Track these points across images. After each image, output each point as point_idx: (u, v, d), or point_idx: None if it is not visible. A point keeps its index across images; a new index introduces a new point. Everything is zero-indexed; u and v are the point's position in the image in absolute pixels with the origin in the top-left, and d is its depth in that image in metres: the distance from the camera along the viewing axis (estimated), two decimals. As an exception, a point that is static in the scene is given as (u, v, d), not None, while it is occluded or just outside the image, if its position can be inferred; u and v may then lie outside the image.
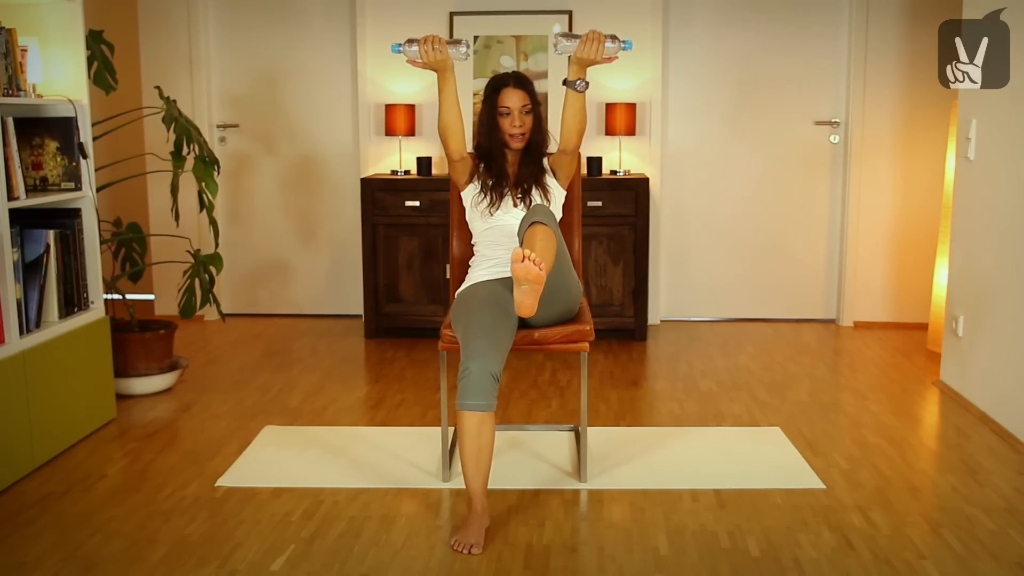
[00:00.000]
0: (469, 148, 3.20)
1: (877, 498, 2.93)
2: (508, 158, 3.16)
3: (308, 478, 3.09)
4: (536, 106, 3.12)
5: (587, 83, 2.94)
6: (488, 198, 3.09)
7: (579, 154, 3.25)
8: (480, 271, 3.06)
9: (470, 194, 3.15)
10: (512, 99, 3.08)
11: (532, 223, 2.71)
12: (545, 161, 3.17)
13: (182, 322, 5.12)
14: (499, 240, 3.06)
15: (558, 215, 3.16)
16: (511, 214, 3.08)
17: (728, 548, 2.59)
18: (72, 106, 3.43)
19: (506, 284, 2.97)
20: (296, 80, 5.40)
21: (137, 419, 3.72)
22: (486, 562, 2.52)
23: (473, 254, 3.17)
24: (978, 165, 3.84)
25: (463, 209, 3.22)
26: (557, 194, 3.16)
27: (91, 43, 3.94)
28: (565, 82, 2.95)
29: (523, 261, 2.53)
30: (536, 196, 3.09)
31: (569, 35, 2.90)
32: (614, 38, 2.86)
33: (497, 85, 3.11)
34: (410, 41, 2.91)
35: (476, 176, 3.15)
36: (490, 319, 2.78)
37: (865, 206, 5.28)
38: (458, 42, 2.92)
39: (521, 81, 3.12)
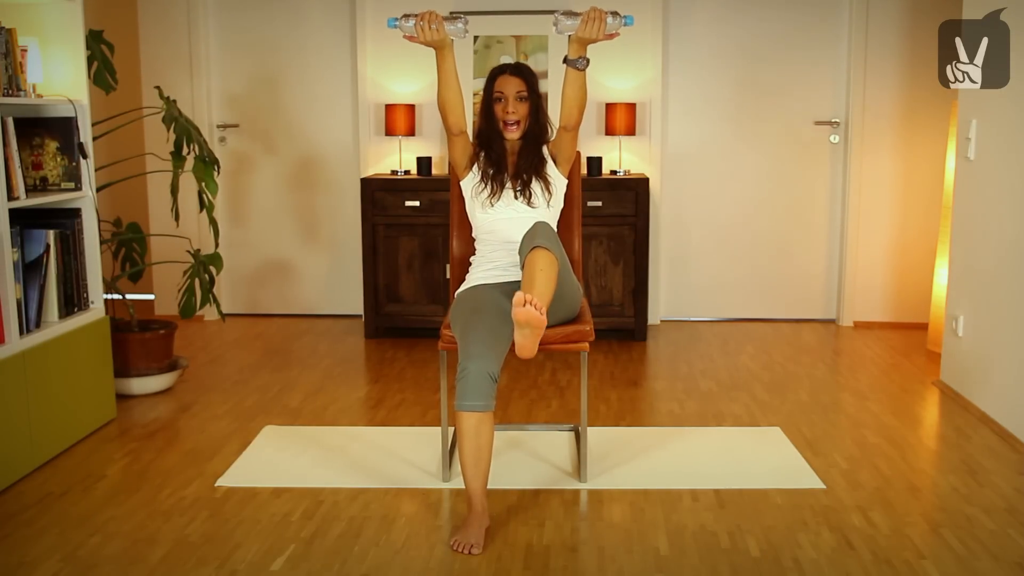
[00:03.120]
0: (470, 128, 3.15)
1: (877, 498, 2.93)
2: (508, 147, 3.11)
3: (308, 478, 3.09)
4: (535, 96, 3.07)
5: (588, 60, 2.88)
6: (488, 188, 3.05)
7: (578, 153, 3.24)
8: (480, 272, 3.05)
9: (470, 184, 3.10)
10: (506, 85, 3.05)
11: (533, 247, 2.67)
12: (545, 149, 3.12)
13: (182, 322, 5.12)
14: (499, 244, 3.04)
15: (559, 204, 3.11)
16: (512, 207, 3.03)
17: (728, 548, 2.59)
18: (72, 106, 3.43)
19: (504, 289, 2.96)
20: (296, 80, 5.40)
21: (137, 419, 3.72)
22: (486, 562, 2.52)
23: (474, 250, 3.16)
24: (978, 165, 3.84)
25: (463, 209, 3.19)
26: (558, 183, 3.10)
27: (91, 43, 3.94)
28: (566, 60, 2.89)
29: (524, 306, 2.51)
30: (536, 188, 3.05)
31: (569, 13, 2.84)
32: (616, 14, 2.82)
33: (495, 73, 3.09)
34: (406, 16, 2.84)
35: (476, 164, 3.11)
36: (488, 320, 2.78)
37: (865, 206, 5.28)
38: (456, 17, 2.85)
39: (518, 69, 3.08)
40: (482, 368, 2.64)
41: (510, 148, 3.11)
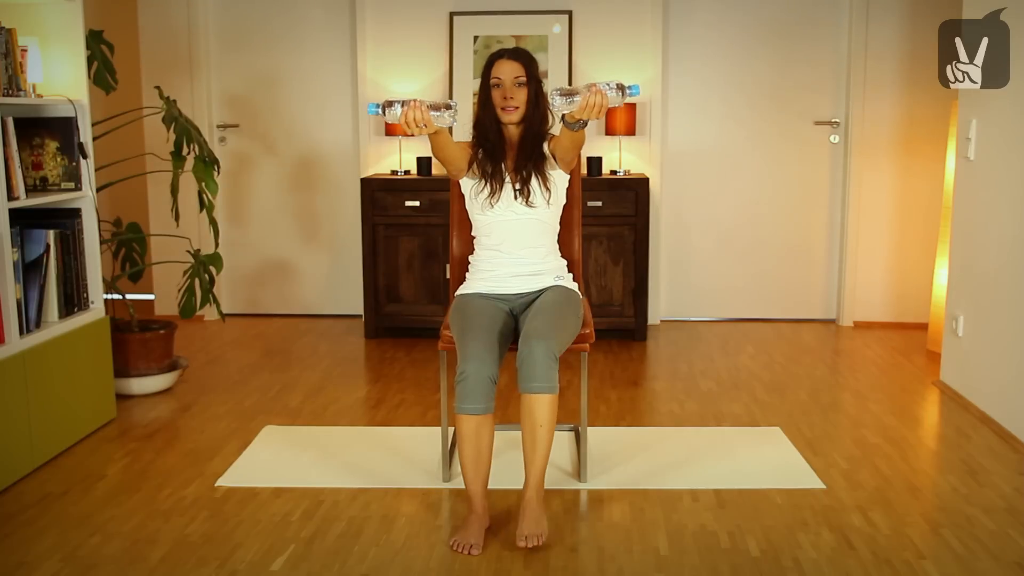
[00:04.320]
0: (469, 124, 3.05)
1: (877, 498, 2.93)
2: (506, 139, 2.98)
3: (308, 478, 3.09)
4: (534, 82, 2.93)
5: (586, 121, 2.71)
6: (488, 187, 2.93)
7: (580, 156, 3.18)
8: (478, 282, 2.98)
9: (469, 184, 3.00)
10: (504, 70, 2.90)
11: (530, 389, 2.63)
12: (545, 146, 2.98)
13: (182, 322, 5.12)
14: (496, 248, 2.97)
15: (560, 202, 3.00)
16: (511, 208, 2.94)
17: (728, 548, 2.59)
18: (72, 106, 3.43)
19: (502, 300, 2.94)
20: (296, 80, 5.40)
21: (137, 419, 3.72)
22: (486, 562, 2.52)
23: (473, 248, 3.09)
24: (978, 165, 3.84)
25: (463, 208, 3.13)
26: (559, 180, 2.98)
27: (91, 43, 3.94)
28: (563, 120, 2.72)
29: (526, 545, 2.56)
30: (535, 185, 2.92)
31: (566, 93, 2.57)
32: (620, 87, 2.54)
33: (492, 59, 2.95)
34: (389, 103, 2.58)
35: (475, 163, 2.98)
36: (486, 323, 2.77)
37: (865, 206, 5.28)
38: (446, 106, 2.61)
39: (516, 54, 2.93)
40: (481, 371, 2.63)
41: (509, 141, 2.99)
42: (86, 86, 3.53)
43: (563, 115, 2.68)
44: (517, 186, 2.93)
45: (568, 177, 3.03)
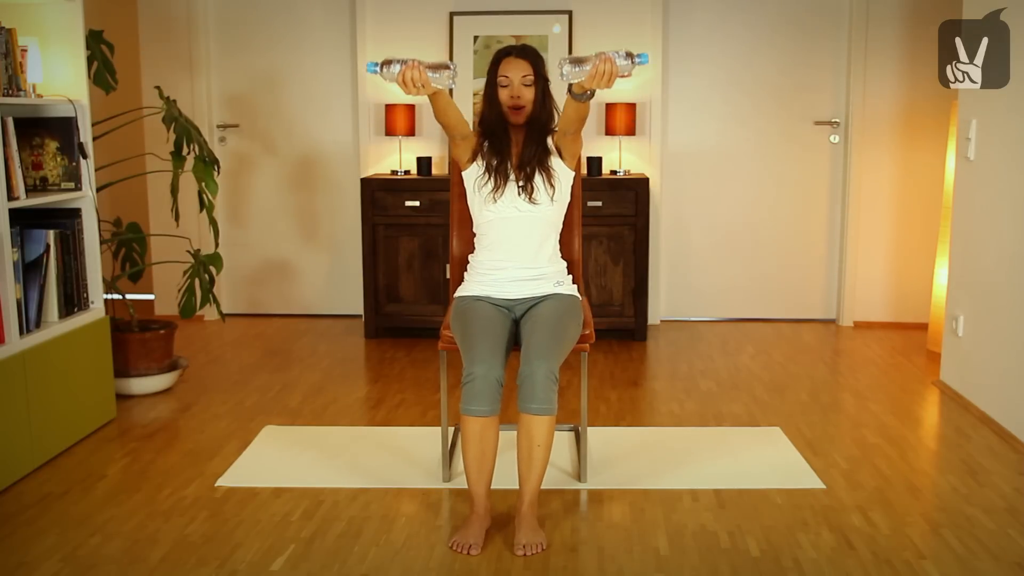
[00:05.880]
0: (470, 117, 3.03)
1: (877, 498, 2.93)
2: (512, 136, 2.95)
3: (308, 478, 3.09)
4: (542, 80, 2.90)
5: (593, 93, 2.69)
6: (492, 181, 2.89)
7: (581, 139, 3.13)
8: (477, 285, 2.96)
9: (472, 176, 2.95)
10: (512, 68, 2.87)
11: (528, 410, 2.65)
12: (550, 141, 2.95)
13: (182, 322, 5.12)
14: (497, 247, 2.95)
15: (564, 199, 2.96)
16: (514, 204, 2.89)
17: (728, 548, 2.59)
18: (72, 106, 3.43)
19: (503, 304, 2.92)
20: (296, 80, 5.40)
21: (137, 419, 3.72)
22: (486, 562, 2.52)
23: (474, 246, 3.05)
24: (978, 165, 3.84)
25: (463, 208, 3.11)
26: (563, 176, 2.94)
27: (91, 43, 3.95)
28: (570, 91, 2.70)
29: (524, 554, 2.57)
30: (539, 182, 2.88)
31: (576, 60, 2.57)
32: (628, 55, 2.54)
33: (499, 56, 2.92)
34: (388, 62, 2.58)
35: (480, 155, 2.94)
36: (491, 326, 2.76)
37: (865, 206, 5.28)
38: (444, 66, 2.60)
39: (524, 52, 2.90)
40: (490, 374, 2.62)
41: (515, 137, 2.95)
42: (86, 86, 3.53)
43: (570, 85, 2.65)
44: (521, 182, 2.89)
45: (573, 174, 2.99)
